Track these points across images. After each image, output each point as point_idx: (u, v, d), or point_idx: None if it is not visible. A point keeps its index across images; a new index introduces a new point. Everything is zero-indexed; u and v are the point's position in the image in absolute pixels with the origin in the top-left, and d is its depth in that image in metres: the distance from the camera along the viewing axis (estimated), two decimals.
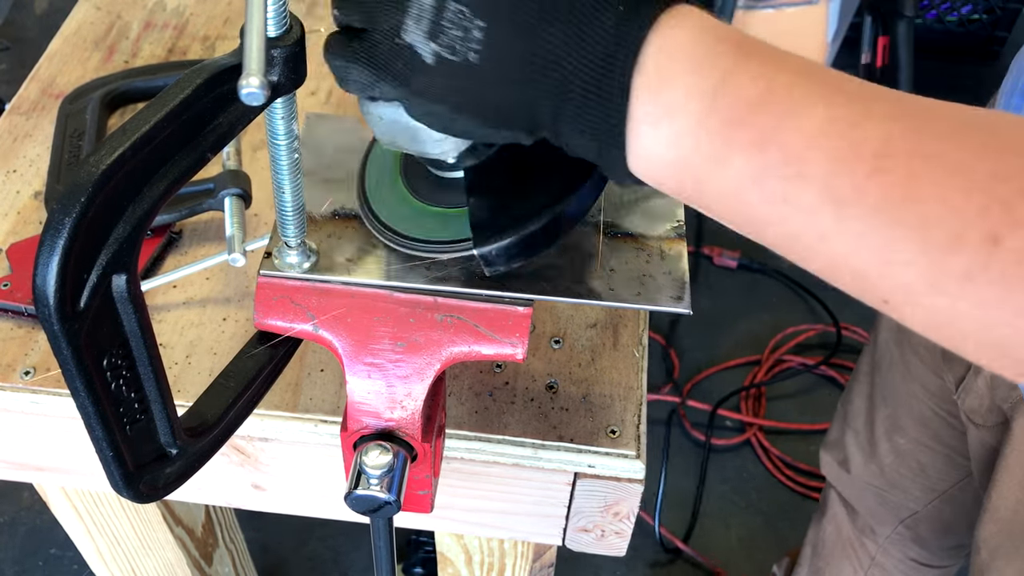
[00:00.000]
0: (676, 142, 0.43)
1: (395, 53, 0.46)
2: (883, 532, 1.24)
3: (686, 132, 0.42)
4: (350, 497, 0.58)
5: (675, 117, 0.43)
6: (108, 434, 0.48)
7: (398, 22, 0.46)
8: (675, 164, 0.44)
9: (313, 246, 0.60)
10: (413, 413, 0.59)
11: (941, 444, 1.09)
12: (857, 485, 1.24)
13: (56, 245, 0.40)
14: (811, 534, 1.44)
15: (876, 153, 0.39)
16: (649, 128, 0.43)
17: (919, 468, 1.13)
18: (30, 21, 2.70)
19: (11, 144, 0.90)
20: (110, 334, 0.46)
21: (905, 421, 1.11)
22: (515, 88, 0.45)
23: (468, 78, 0.45)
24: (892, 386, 1.12)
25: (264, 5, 0.44)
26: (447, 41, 0.45)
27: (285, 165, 0.53)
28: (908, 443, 1.12)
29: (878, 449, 1.16)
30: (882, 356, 1.14)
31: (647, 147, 0.44)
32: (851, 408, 1.22)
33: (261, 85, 0.41)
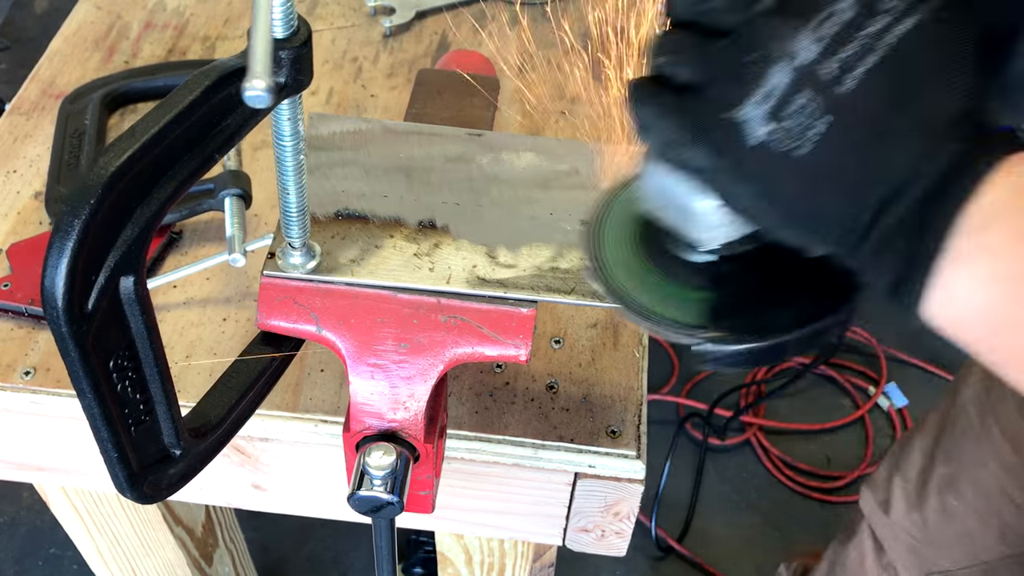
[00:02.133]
0: (990, 285, 0.40)
1: (721, 124, 0.44)
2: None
3: (1005, 277, 0.40)
4: (353, 498, 0.58)
5: (997, 259, 0.40)
6: (113, 435, 0.48)
7: (739, 96, 0.43)
8: (982, 309, 0.41)
9: (316, 247, 0.60)
10: (416, 414, 0.59)
11: (997, 519, 1.05)
12: (893, 529, 1.20)
13: (65, 247, 0.40)
14: (831, 552, 1.41)
15: None
16: (966, 266, 0.41)
17: (965, 533, 1.09)
18: (30, 21, 2.69)
19: (11, 144, 0.90)
20: (117, 336, 0.46)
21: (964, 486, 1.07)
22: (834, 193, 0.43)
23: (790, 169, 0.43)
24: (960, 448, 1.08)
25: (270, 7, 0.44)
26: (785, 127, 0.42)
27: (290, 166, 0.53)
28: (961, 506, 1.08)
29: (926, 503, 1.12)
30: (957, 416, 1.10)
31: (955, 287, 0.41)
32: (906, 456, 1.18)
33: (267, 88, 0.41)
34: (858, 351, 2.06)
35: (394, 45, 1.01)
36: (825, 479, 1.87)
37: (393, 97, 0.95)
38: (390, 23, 1.02)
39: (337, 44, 1.01)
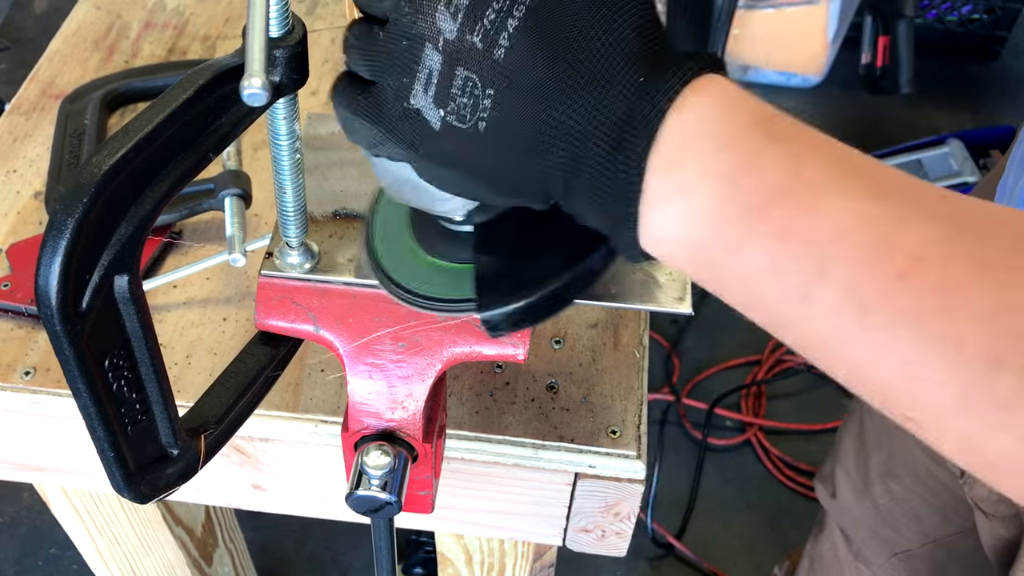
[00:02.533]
0: (690, 224, 0.40)
1: (403, 115, 0.44)
2: (877, 562, 1.22)
3: (701, 215, 0.39)
4: (351, 498, 0.58)
5: (690, 198, 0.39)
6: (109, 435, 0.48)
7: (406, 85, 0.43)
8: (688, 246, 0.41)
9: (314, 246, 0.60)
10: (414, 414, 0.59)
11: (937, 499, 1.05)
12: (850, 517, 1.22)
13: (58, 246, 0.40)
14: (809, 547, 1.42)
15: (909, 255, 0.36)
16: (661, 207, 0.40)
17: (914, 515, 1.10)
18: (30, 21, 2.70)
19: (11, 144, 0.90)
20: (112, 335, 0.46)
21: (900, 471, 1.08)
22: (525, 158, 0.43)
23: (477, 146, 0.43)
24: (887, 435, 1.08)
25: (266, 6, 0.44)
26: (455, 108, 0.42)
27: (287, 165, 0.53)
28: (903, 491, 1.09)
29: (872, 490, 1.14)
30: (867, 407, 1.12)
31: (659, 227, 0.41)
32: (842, 447, 1.20)
33: (263, 86, 0.41)
34: None
35: None
36: None
37: None
38: None
39: (337, 44, 1.01)
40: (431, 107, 0.43)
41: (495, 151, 0.43)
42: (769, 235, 0.38)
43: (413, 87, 0.43)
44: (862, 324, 0.36)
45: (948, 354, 0.35)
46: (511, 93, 0.42)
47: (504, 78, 0.41)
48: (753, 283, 0.39)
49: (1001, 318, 0.34)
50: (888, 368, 0.36)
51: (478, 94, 0.42)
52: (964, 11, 2.55)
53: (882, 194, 0.37)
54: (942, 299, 0.35)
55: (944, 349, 0.35)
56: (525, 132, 0.42)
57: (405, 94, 0.44)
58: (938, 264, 0.35)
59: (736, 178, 0.39)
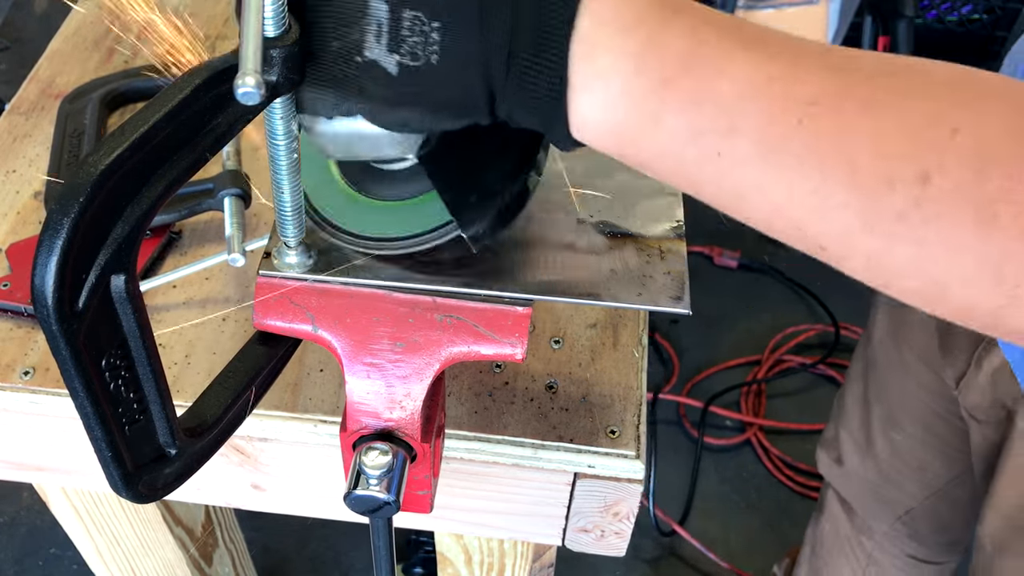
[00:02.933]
0: (611, 105, 0.44)
1: (357, 70, 0.47)
2: (880, 529, 1.24)
3: (619, 95, 0.43)
4: (349, 497, 0.58)
5: (608, 81, 0.43)
6: (107, 434, 0.48)
7: (357, 40, 0.46)
8: (612, 128, 0.45)
9: (312, 246, 0.59)
10: (412, 413, 0.59)
11: (938, 440, 1.09)
12: (853, 481, 1.24)
13: (54, 245, 0.40)
14: (809, 533, 1.44)
15: (806, 101, 0.40)
16: (585, 94, 0.44)
17: (916, 464, 1.13)
18: (30, 21, 2.70)
19: (11, 144, 0.90)
20: (109, 334, 0.46)
21: (901, 417, 1.11)
22: (472, 76, 0.46)
23: (431, 79, 0.46)
24: (887, 384, 1.12)
25: (262, 5, 0.44)
26: (408, 49, 0.45)
27: (284, 165, 0.53)
28: (905, 439, 1.12)
29: (874, 446, 1.17)
30: (876, 354, 1.14)
31: (584, 113, 0.45)
32: (845, 407, 1.23)
33: (257, 84, 0.41)
34: None
35: None
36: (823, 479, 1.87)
37: None
38: None
39: None
40: (385, 54, 0.46)
41: (448, 78, 0.46)
42: (682, 102, 0.42)
43: (365, 40, 0.46)
44: (772, 167, 0.41)
45: (845, 178, 0.40)
46: (454, 20, 0.45)
47: (446, 7, 0.45)
48: (673, 150, 0.44)
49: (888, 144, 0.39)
50: (798, 203, 0.42)
51: (426, 30, 0.45)
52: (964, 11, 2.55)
53: (777, 54, 0.42)
54: (835, 135, 0.40)
55: (841, 175, 0.40)
56: (470, 52, 0.45)
57: (358, 49, 0.46)
58: (830, 107, 0.40)
59: (645, 55, 0.43)
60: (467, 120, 0.49)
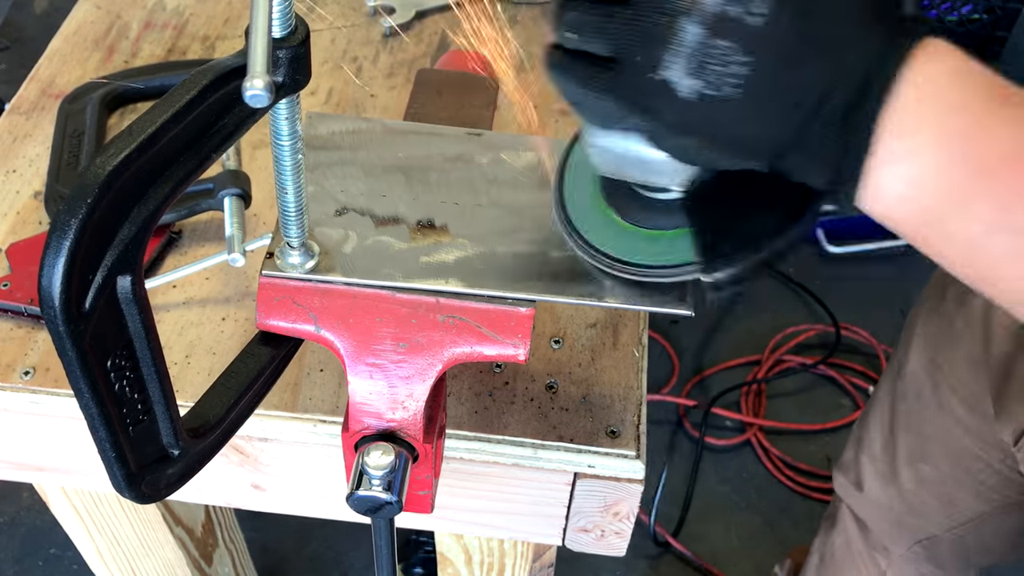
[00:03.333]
0: (916, 184, 0.42)
1: (651, 88, 0.45)
2: (897, 551, 1.21)
3: (929, 175, 0.42)
4: (352, 498, 0.58)
5: (919, 158, 0.42)
6: (111, 435, 0.48)
7: (656, 57, 0.44)
8: (911, 206, 0.43)
9: (315, 246, 0.60)
10: (415, 414, 0.59)
11: (972, 479, 1.06)
12: (872, 506, 1.21)
13: (62, 246, 0.40)
14: (819, 543, 1.42)
15: None
16: (890, 167, 0.43)
17: (945, 498, 1.10)
18: (30, 21, 2.69)
19: (11, 144, 0.90)
20: (114, 335, 0.46)
21: (933, 451, 1.08)
22: (769, 121, 0.45)
23: (725, 112, 0.45)
24: (920, 417, 1.09)
25: (269, 6, 0.44)
26: (708, 77, 0.44)
27: (288, 165, 0.53)
28: (934, 472, 1.09)
29: (899, 476, 1.14)
30: (909, 386, 1.11)
31: (884, 185, 0.43)
32: (867, 434, 1.20)
33: (266, 86, 0.41)
34: (857, 351, 2.06)
35: (394, 45, 1.01)
36: (825, 479, 1.86)
37: (393, 97, 0.95)
38: (390, 23, 1.02)
39: (337, 44, 1.01)
40: (684, 77, 0.44)
41: (742, 116, 0.45)
42: (998, 194, 0.41)
43: (665, 59, 0.44)
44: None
45: None
46: (764, 59, 0.43)
47: (761, 42, 0.43)
48: (972, 242, 0.42)
49: None
50: None
51: (731, 61, 0.44)
52: (964, 11, 2.55)
53: None
54: None
55: None
56: (773, 96, 0.44)
57: (654, 66, 0.45)
58: None
59: (967, 141, 0.41)
60: (748, 163, 0.48)
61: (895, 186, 0.43)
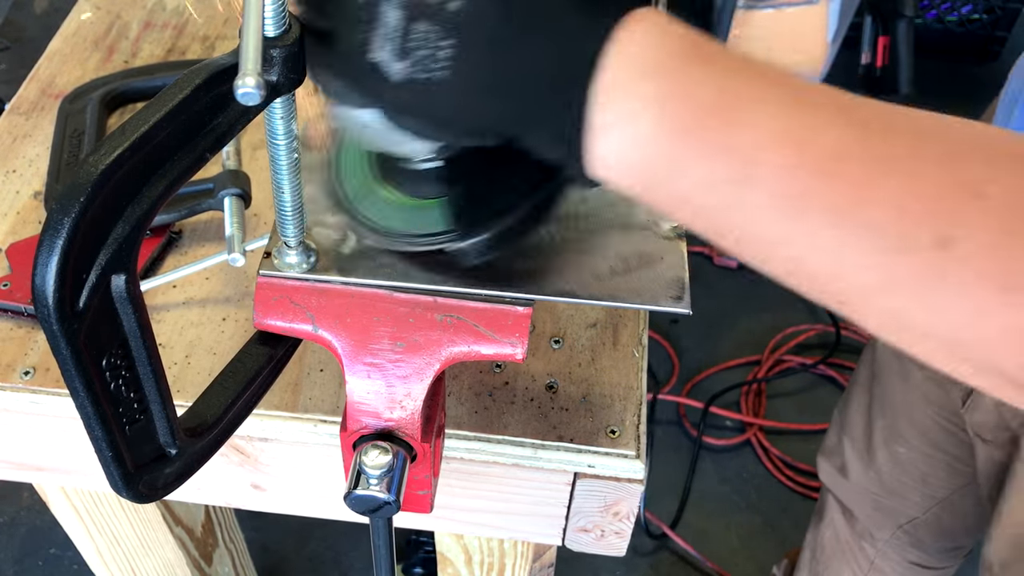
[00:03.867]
0: (630, 150, 0.43)
1: (364, 69, 0.46)
2: (882, 536, 1.24)
3: (640, 140, 0.43)
4: (350, 497, 0.58)
5: (628, 125, 0.43)
6: (107, 434, 0.48)
7: (365, 39, 0.45)
8: (631, 171, 0.44)
9: (312, 246, 0.60)
10: (413, 413, 0.59)
11: (942, 452, 1.08)
12: (855, 491, 1.24)
13: (55, 245, 0.40)
14: (809, 538, 1.44)
15: (828, 157, 0.40)
16: (606, 137, 0.44)
17: (919, 476, 1.13)
18: (30, 21, 2.70)
19: (11, 144, 0.90)
20: (109, 334, 0.46)
21: (905, 430, 1.11)
22: (482, 103, 0.46)
23: (437, 95, 0.46)
24: (892, 396, 1.12)
25: (262, 5, 0.44)
26: (415, 60, 0.45)
27: (284, 165, 0.53)
28: (908, 451, 1.12)
29: (876, 457, 1.16)
30: (881, 366, 1.13)
31: (605, 155, 0.44)
32: (848, 417, 1.22)
33: (257, 85, 0.41)
34: (857, 351, 2.06)
35: None
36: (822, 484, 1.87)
37: None
38: None
39: None
40: (391, 60, 0.45)
41: (453, 98, 0.46)
42: (702, 151, 0.42)
43: (372, 41, 0.45)
44: (790, 221, 0.41)
45: (864, 238, 0.39)
46: (467, 42, 0.44)
47: (460, 29, 0.44)
48: (694, 197, 0.43)
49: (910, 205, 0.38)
50: (816, 259, 0.41)
51: (436, 45, 0.44)
52: (964, 11, 2.55)
53: (799, 105, 0.41)
54: (855, 192, 0.39)
55: (861, 234, 0.39)
56: (481, 78, 0.45)
57: (365, 48, 0.46)
58: (853, 162, 0.39)
59: (668, 102, 0.42)
60: (476, 141, 0.49)
61: (612, 154, 0.44)
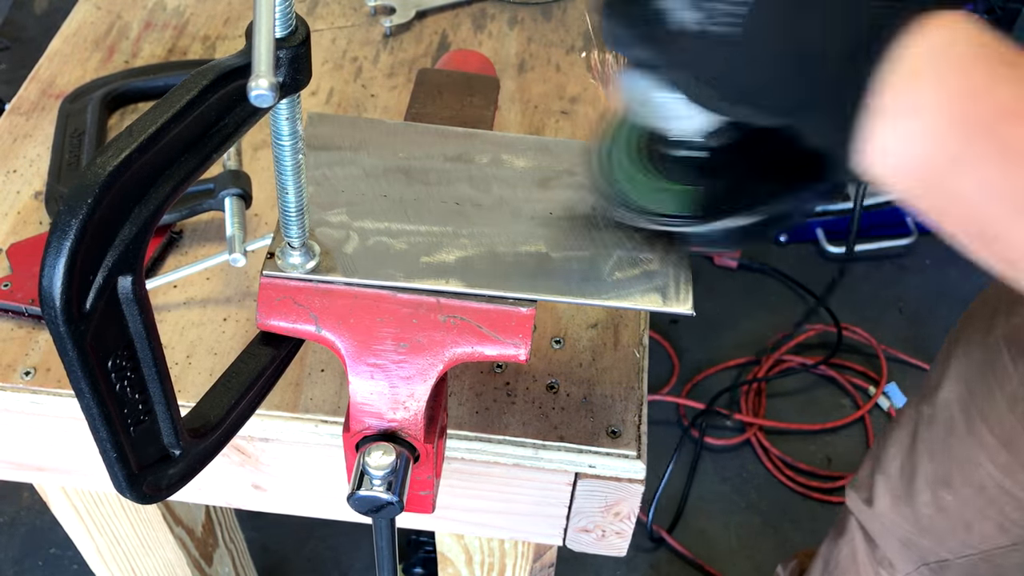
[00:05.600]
0: (918, 140, 0.42)
1: (652, 15, 0.46)
2: (903, 569, 1.19)
3: (931, 132, 0.42)
4: (353, 498, 0.58)
5: (922, 115, 0.42)
6: (112, 435, 0.48)
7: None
8: (911, 163, 0.43)
9: (316, 247, 0.60)
10: (416, 414, 0.59)
11: (997, 511, 1.04)
12: (883, 523, 1.20)
13: (63, 246, 0.40)
14: (824, 549, 1.40)
15: None
16: (893, 122, 0.43)
17: (963, 526, 1.09)
18: (30, 21, 2.70)
19: (11, 144, 0.90)
20: (115, 335, 0.46)
21: (957, 482, 1.07)
22: (768, 65, 0.45)
23: (724, 50, 0.45)
24: (947, 444, 1.08)
25: (272, 6, 0.44)
26: (710, 11, 0.44)
27: (289, 165, 0.53)
28: (956, 501, 1.07)
29: (917, 498, 1.12)
30: (939, 413, 1.09)
31: (886, 142, 0.43)
32: (885, 453, 1.19)
33: (271, 86, 0.41)
34: (858, 351, 2.07)
35: (394, 45, 1.01)
36: (825, 479, 1.87)
37: (393, 97, 0.95)
38: (390, 23, 1.02)
39: (337, 44, 1.01)
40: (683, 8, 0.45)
41: (740, 56, 0.45)
42: (996, 155, 0.41)
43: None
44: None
45: None
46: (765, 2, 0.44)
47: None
48: (973, 201, 0.42)
49: None
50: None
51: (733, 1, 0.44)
52: None
53: None
54: None
55: None
56: (774, 39, 0.44)
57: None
58: None
59: (968, 99, 0.41)
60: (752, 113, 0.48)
61: (896, 143, 0.43)
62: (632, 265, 0.61)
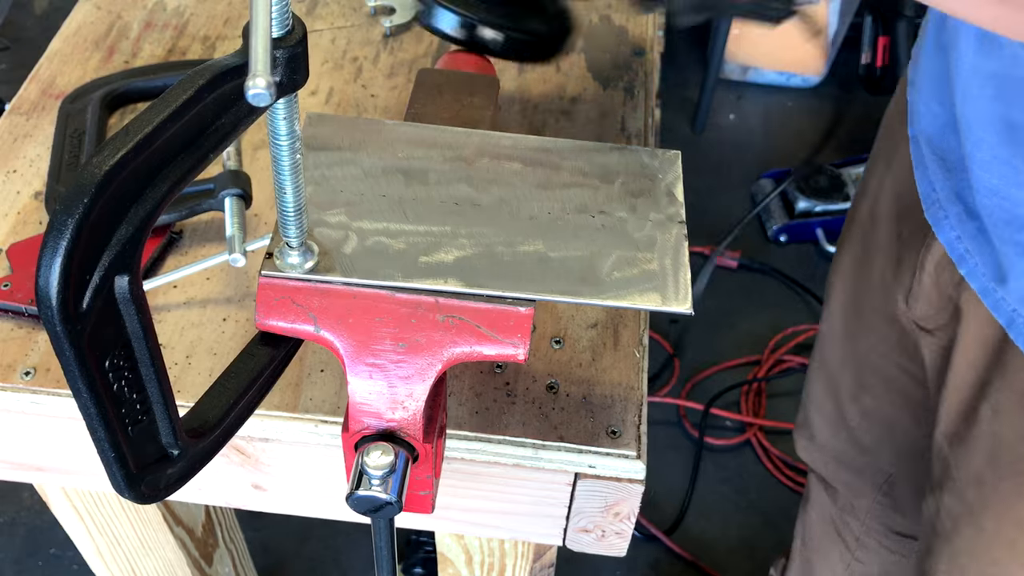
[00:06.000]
0: None
1: None
2: (863, 505, 1.25)
3: None
4: (352, 498, 0.58)
5: None
6: (110, 435, 0.48)
7: None
8: None
9: (314, 247, 0.60)
10: (415, 414, 0.59)
11: (904, 399, 1.09)
12: (830, 455, 1.26)
13: (59, 246, 0.40)
14: (798, 526, 1.46)
15: None
16: None
17: (887, 427, 1.14)
18: (30, 21, 2.70)
19: (11, 144, 0.90)
20: (112, 335, 0.46)
21: (869, 380, 1.12)
22: None
23: None
24: (852, 350, 1.13)
25: (269, 6, 0.44)
26: None
27: (287, 165, 0.53)
28: (874, 401, 1.13)
29: (845, 415, 1.18)
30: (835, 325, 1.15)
31: None
32: (811, 395, 1.26)
33: (268, 86, 0.41)
34: None
35: (394, 45, 1.01)
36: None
37: (393, 97, 0.95)
38: (390, 23, 1.02)
39: (337, 44, 1.01)
40: None
41: None
42: None
43: None
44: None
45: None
46: None
47: None
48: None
49: None
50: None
51: None
52: None
53: None
54: None
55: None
56: None
57: None
58: None
59: None
60: None
61: None
62: (631, 265, 0.61)
